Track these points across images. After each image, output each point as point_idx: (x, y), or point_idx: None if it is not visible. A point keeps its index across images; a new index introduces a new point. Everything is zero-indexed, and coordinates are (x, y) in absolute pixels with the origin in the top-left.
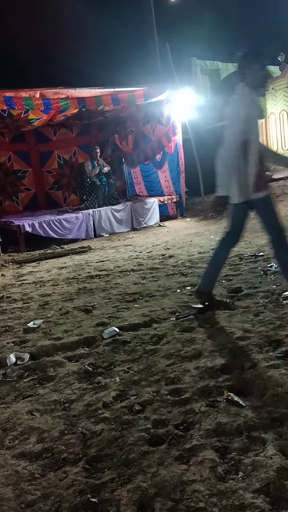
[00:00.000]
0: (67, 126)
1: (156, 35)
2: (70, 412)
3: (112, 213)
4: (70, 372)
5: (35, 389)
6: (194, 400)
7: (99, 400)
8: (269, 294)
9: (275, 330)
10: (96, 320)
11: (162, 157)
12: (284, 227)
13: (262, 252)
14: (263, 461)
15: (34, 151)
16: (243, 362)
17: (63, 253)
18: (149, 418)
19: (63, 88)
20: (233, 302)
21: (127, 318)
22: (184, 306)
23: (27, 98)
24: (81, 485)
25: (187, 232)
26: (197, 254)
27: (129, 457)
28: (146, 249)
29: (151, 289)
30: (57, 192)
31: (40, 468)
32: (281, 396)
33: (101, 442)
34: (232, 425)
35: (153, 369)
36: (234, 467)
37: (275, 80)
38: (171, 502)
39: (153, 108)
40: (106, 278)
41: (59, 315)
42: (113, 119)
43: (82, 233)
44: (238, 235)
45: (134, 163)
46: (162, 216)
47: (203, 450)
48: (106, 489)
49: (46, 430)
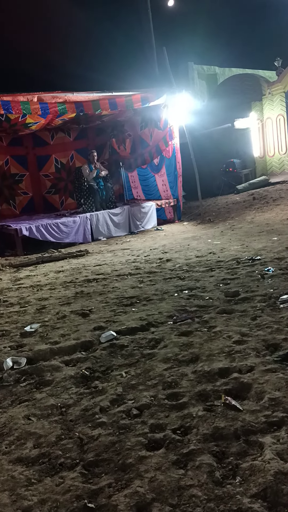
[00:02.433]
0: (64, 130)
1: (153, 40)
2: (67, 417)
3: (110, 216)
4: (67, 376)
5: (32, 393)
6: (192, 405)
7: (96, 404)
8: (266, 298)
9: (273, 334)
10: (93, 324)
11: (160, 161)
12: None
13: (259, 256)
14: (260, 465)
15: (32, 155)
16: (241, 366)
17: (61, 256)
18: (147, 423)
19: (61, 92)
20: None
21: (124, 322)
22: (181, 310)
23: (25, 102)
24: (78, 490)
25: (184, 236)
26: (195, 258)
27: (126, 462)
28: (143, 253)
29: (149, 293)
30: (54, 196)
31: (37, 474)
32: (279, 400)
33: (98, 447)
34: (230, 430)
35: (150, 373)
36: (232, 472)
37: (272, 85)
38: (169, 507)
39: (150, 112)
40: (104, 282)
41: (56, 319)
42: (111, 123)
43: (79, 237)
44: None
45: (131, 167)
46: (160, 220)
47: (201, 455)
48: (103, 494)
49: (43, 435)
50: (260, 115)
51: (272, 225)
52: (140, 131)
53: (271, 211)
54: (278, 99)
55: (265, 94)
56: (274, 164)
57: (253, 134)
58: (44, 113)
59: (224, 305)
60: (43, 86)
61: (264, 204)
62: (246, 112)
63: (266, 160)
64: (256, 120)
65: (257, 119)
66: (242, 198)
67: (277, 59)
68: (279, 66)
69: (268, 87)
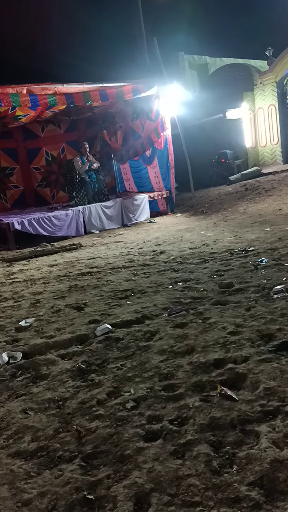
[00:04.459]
0: (55, 122)
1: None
2: (64, 410)
3: (102, 209)
4: (63, 370)
5: (29, 387)
6: (188, 395)
7: (93, 397)
8: (260, 288)
9: (267, 324)
10: (88, 318)
11: (152, 153)
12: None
13: (252, 247)
14: (257, 454)
15: (22, 148)
16: (236, 356)
17: (54, 250)
18: (144, 414)
19: (51, 84)
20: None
21: (119, 315)
22: (176, 302)
23: (14, 94)
24: (77, 482)
25: (177, 228)
26: (188, 250)
27: (125, 453)
28: (137, 246)
29: (143, 285)
30: (45, 189)
31: (36, 467)
32: (274, 389)
33: (96, 439)
34: (226, 419)
35: (146, 366)
36: (229, 461)
37: (264, 75)
38: (167, 497)
39: (142, 103)
40: (98, 275)
41: (51, 313)
42: (102, 114)
43: (72, 230)
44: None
45: (123, 159)
46: (153, 212)
47: (198, 445)
48: (102, 486)
49: (41, 429)
50: (251, 105)
51: (264, 215)
52: (131, 123)
53: (263, 201)
54: (270, 89)
55: (257, 84)
56: (266, 155)
57: (245, 124)
58: (34, 105)
59: (218, 297)
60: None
61: (256, 195)
62: (238, 103)
63: (258, 150)
64: (247, 111)
65: (249, 110)
66: (234, 189)
67: (268, 49)
68: (270, 56)
69: (259, 77)
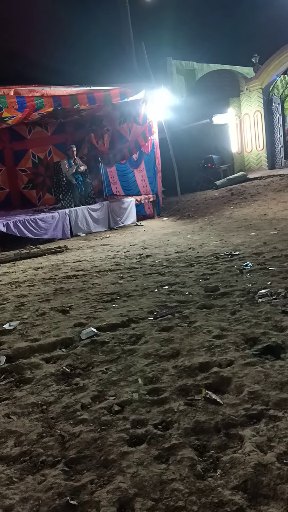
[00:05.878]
0: (42, 125)
1: (131, 34)
2: (48, 415)
3: (89, 212)
4: (48, 374)
5: (12, 392)
6: (173, 399)
7: (77, 401)
8: (245, 292)
9: (251, 328)
10: (74, 321)
11: (139, 157)
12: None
13: (238, 251)
14: (241, 458)
15: (8, 149)
16: (221, 360)
17: (39, 253)
18: (128, 418)
19: (38, 86)
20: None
21: (105, 318)
22: (162, 306)
23: (1, 96)
24: (60, 487)
25: (164, 231)
26: (174, 254)
27: (108, 458)
28: (123, 249)
29: (129, 288)
30: (31, 191)
31: (18, 472)
32: (258, 393)
33: (80, 443)
34: (210, 423)
35: (131, 369)
36: (213, 465)
37: (250, 81)
38: (151, 501)
39: (129, 107)
40: (83, 278)
41: (35, 316)
42: (89, 118)
43: (58, 233)
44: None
45: (110, 163)
46: (139, 215)
47: (182, 449)
48: (85, 491)
49: (24, 433)
50: (238, 111)
51: (250, 220)
52: (119, 126)
53: (249, 206)
54: (256, 95)
55: (243, 90)
56: (252, 160)
57: (231, 130)
58: (21, 107)
59: (204, 300)
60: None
61: (242, 200)
62: (224, 108)
63: (244, 156)
64: (234, 116)
65: (235, 115)
66: (220, 194)
67: (255, 56)
68: (256, 63)
69: (245, 83)
